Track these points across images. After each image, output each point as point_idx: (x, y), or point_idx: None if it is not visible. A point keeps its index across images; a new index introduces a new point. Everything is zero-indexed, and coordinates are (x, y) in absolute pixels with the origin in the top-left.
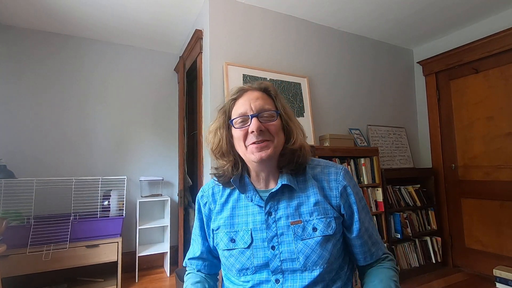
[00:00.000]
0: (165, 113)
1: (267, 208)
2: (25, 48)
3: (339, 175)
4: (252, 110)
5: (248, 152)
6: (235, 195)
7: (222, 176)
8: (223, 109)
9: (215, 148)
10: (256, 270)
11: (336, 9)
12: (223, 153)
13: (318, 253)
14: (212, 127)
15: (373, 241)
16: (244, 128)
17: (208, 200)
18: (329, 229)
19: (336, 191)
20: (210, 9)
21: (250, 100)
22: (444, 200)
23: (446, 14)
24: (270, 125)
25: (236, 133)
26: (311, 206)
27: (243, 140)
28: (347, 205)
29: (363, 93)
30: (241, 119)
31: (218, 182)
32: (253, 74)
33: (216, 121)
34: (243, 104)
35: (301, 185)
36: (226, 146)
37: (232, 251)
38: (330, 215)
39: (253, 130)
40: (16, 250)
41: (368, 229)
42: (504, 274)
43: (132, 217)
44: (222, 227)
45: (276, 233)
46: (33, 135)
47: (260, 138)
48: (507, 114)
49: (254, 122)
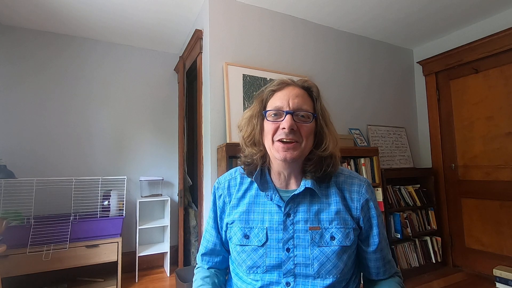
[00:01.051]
0: (165, 113)
1: (286, 209)
2: (24, 48)
3: (362, 187)
4: (289, 106)
5: (274, 149)
6: (253, 190)
7: (251, 164)
8: (260, 98)
9: (247, 136)
10: (267, 270)
11: (336, 8)
12: (255, 142)
13: (333, 263)
14: (246, 115)
15: (389, 258)
16: (276, 123)
17: (223, 193)
18: (347, 240)
19: (358, 203)
20: (210, 9)
21: (290, 95)
22: (444, 200)
23: (446, 14)
24: (303, 126)
25: (267, 125)
26: (332, 214)
27: (272, 134)
28: (366, 218)
29: (363, 93)
30: (276, 112)
31: (244, 169)
32: (253, 74)
33: (252, 108)
34: (281, 98)
35: (324, 191)
36: (258, 136)
37: (245, 247)
38: (349, 226)
39: (285, 127)
40: (16, 250)
41: (385, 246)
42: (504, 274)
43: (132, 217)
44: (236, 221)
45: (292, 235)
46: (33, 135)
47: (289, 136)
48: (507, 114)
49: (288, 119)
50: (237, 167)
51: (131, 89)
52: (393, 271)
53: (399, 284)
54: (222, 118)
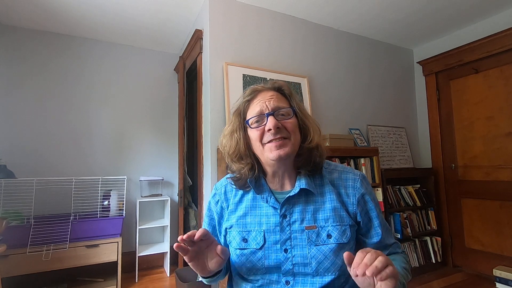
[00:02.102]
0: (165, 113)
1: (282, 210)
2: (24, 48)
3: (356, 181)
4: (268, 108)
5: (266, 150)
6: (250, 195)
7: (239, 179)
8: (237, 111)
9: (232, 152)
10: (266, 271)
11: (336, 8)
12: (241, 155)
13: (331, 260)
14: (227, 131)
15: (391, 242)
16: (261, 128)
17: (220, 199)
18: (343, 237)
19: (354, 198)
20: (210, 9)
21: (265, 99)
22: (444, 200)
23: (446, 14)
24: (286, 123)
25: (253, 133)
26: (327, 213)
27: (259, 140)
28: (364, 212)
29: (363, 93)
30: (257, 118)
31: (235, 185)
32: (253, 74)
33: (231, 124)
34: (257, 104)
35: (318, 189)
36: (244, 148)
37: (244, 251)
38: (345, 223)
39: (270, 128)
40: (16, 250)
41: (387, 234)
42: (504, 274)
43: (132, 217)
44: (234, 226)
45: (289, 236)
46: (33, 135)
47: (278, 135)
48: (507, 114)
49: (271, 120)
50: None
51: (131, 89)
52: (399, 250)
53: (404, 258)
54: (222, 118)
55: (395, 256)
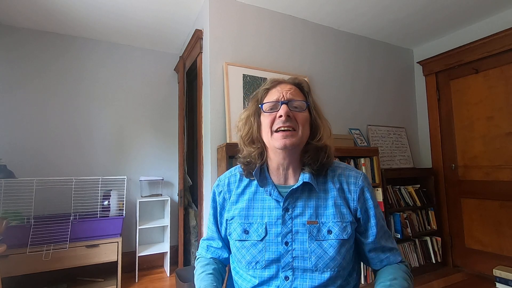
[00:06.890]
0: (165, 113)
1: (285, 204)
2: (24, 48)
3: (358, 178)
4: (284, 97)
5: (273, 139)
6: (253, 187)
7: (249, 164)
8: (255, 98)
9: (245, 135)
10: (266, 265)
11: (335, 8)
12: (253, 139)
13: (330, 256)
14: (243, 115)
15: (389, 247)
16: (273, 113)
17: (223, 189)
18: (344, 233)
19: (355, 194)
20: (210, 9)
21: (283, 90)
22: (444, 200)
23: (446, 14)
24: (298, 115)
25: (265, 118)
26: (329, 209)
27: (270, 125)
28: (363, 209)
29: (363, 93)
30: (272, 104)
31: (243, 170)
32: (253, 74)
33: (248, 109)
34: (275, 93)
35: (321, 185)
36: (256, 133)
37: (245, 243)
38: (346, 219)
39: (281, 115)
40: (16, 250)
41: (385, 236)
42: (504, 274)
43: (132, 217)
44: (236, 217)
45: (291, 229)
46: (33, 135)
47: (287, 124)
48: (507, 114)
49: (283, 108)
50: (237, 165)
51: (131, 89)
52: (397, 260)
53: (403, 270)
54: (222, 118)
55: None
